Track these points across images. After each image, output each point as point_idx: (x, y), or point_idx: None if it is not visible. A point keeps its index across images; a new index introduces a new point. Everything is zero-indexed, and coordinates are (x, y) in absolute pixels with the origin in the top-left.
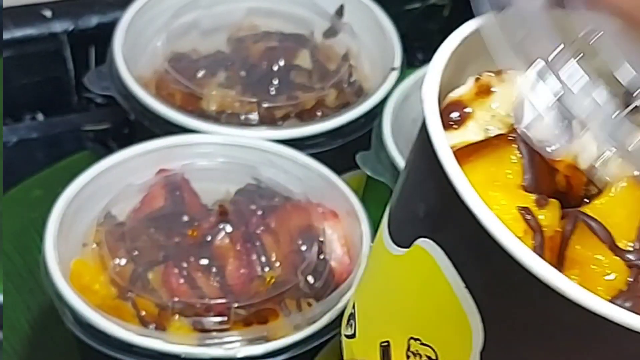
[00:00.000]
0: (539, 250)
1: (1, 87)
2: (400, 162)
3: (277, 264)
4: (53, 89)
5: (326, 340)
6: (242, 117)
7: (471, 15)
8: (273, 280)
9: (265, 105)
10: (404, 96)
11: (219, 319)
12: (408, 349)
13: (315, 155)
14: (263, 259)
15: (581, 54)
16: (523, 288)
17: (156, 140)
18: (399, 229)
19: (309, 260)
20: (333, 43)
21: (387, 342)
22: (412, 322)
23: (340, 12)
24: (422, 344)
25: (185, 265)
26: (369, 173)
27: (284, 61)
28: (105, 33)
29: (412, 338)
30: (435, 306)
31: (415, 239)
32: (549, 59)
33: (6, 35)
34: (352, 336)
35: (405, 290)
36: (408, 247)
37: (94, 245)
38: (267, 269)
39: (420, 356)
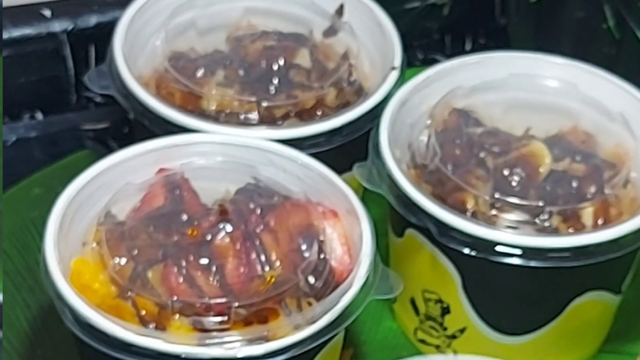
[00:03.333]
0: None
1: (1, 86)
2: (397, 174)
3: (277, 263)
4: (52, 88)
5: (326, 340)
6: (242, 117)
7: (470, 15)
8: (273, 280)
9: (264, 104)
10: (401, 102)
11: (219, 318)
12: (424, 298)
13: (315, 155)
14: (263, 258)
15: None
16: None
17: (156, 139)
18: None
19: (309, 260)
20: (333, 42)
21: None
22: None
23: (340, 11)
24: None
25: (184, 264)
26: (365, 185)
27: (283, 60)
28: (104, 32)
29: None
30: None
31: None
32: None
33: (5, 35)
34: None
35: None
36: None
37: (94, 244)
38: (267, 268)
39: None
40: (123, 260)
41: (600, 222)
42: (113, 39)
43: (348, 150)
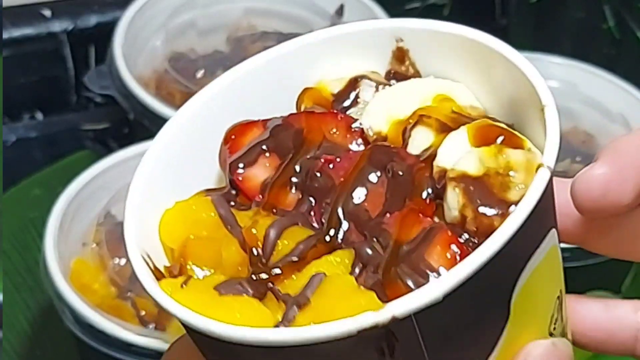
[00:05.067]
0: None
1: (1, 87)
2: None
3: None
4: (52, 88)
5: None
6: None
7: (471, 15)
8: None
9: None
10: None
11: None
12: None
13: None
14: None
15: None
16: None
17: None
18: None
19: None
20: None
21: None
22: None
23: (340, 12)
24: None
25: None
26: None
27: None
28: (104, 32)
29: None
30: None
31: None
32: None
33: (5, 35)
34: None
35: None
36: None
37: (94, 245)
38: None
39: None
40: (123, 261)
41: None
42: (113, 39)
43: None
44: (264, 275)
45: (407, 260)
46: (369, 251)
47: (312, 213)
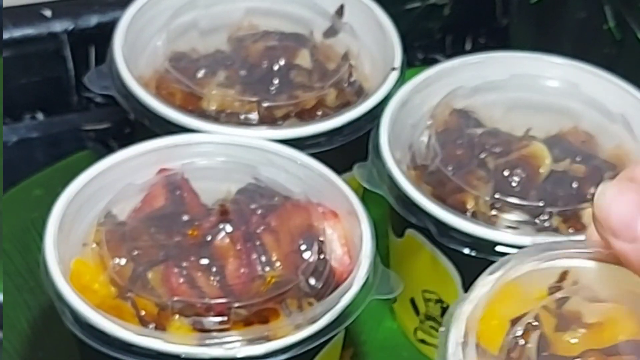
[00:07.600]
0: None
1: (1, 87)
2: (397, 174)
3: (278, 263)
4: (53, 88)
5: (327, 340)
6: (242, 117)
7: (471, 15)
8: (274, 280)
9: (265, 104)
10: (401, 103)
11: (219, 318)
12: (424, 298)
13: (315, 155)
14: (263, 258)
15: None
16: None
17: (156, 139)
18: None
19: (310, 261)
20: (333, 43)
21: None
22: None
23: (340, 11)
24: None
25: (185, 264)
26: (365, 185)
27: (284, 61)
28: (105, 32)
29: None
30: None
31: None
32: None
33: (6, 35)
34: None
35: None
36: None
37: (94, 245)
38: (267, 268)
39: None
40: (123, 261)
41: None
42: (113, 40)
43: (348, 150)
44: None
45: None
46: None
47: None
